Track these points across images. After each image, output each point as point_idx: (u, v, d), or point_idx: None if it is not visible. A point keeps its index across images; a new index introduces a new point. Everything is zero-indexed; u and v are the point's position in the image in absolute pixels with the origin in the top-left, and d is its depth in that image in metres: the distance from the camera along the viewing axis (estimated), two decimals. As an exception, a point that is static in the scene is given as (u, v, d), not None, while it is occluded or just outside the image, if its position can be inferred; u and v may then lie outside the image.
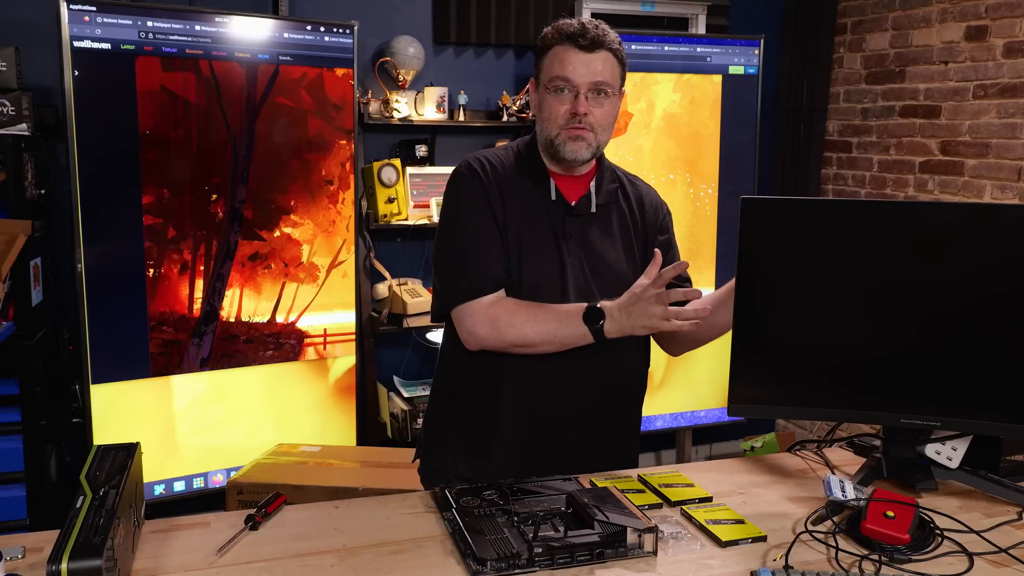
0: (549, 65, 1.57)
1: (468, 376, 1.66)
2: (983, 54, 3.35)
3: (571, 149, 1.57)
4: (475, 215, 1.59)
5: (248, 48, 2.98)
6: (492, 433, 1.64)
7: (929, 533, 1.34)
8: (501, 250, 1.58)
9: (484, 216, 1.58)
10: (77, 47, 2.70)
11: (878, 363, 1.50)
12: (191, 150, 2.94)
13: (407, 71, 3.41)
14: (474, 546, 1.23)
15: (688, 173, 3.69)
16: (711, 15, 4.05)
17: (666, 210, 1.75)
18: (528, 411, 1.62)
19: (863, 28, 3.91)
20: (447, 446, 1.70)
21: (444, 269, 1.62)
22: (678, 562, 1.27)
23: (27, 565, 1.21)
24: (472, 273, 1.57)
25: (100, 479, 1.21)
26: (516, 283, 1.58)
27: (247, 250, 3.07)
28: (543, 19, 3.64)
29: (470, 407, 1.67)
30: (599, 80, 1.54)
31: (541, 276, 1.59)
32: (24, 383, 2.78)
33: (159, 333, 2.94)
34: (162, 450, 2.97)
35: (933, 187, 3.59)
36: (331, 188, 3.19)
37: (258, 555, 1.26)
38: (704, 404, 3.83)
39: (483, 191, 1.60)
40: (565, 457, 1.61)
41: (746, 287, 1.51)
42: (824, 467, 1.66)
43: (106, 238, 2.81)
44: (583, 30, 1.54)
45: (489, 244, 1.58)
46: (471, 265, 1.57)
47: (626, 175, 1.73)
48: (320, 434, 3.24)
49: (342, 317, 3.27)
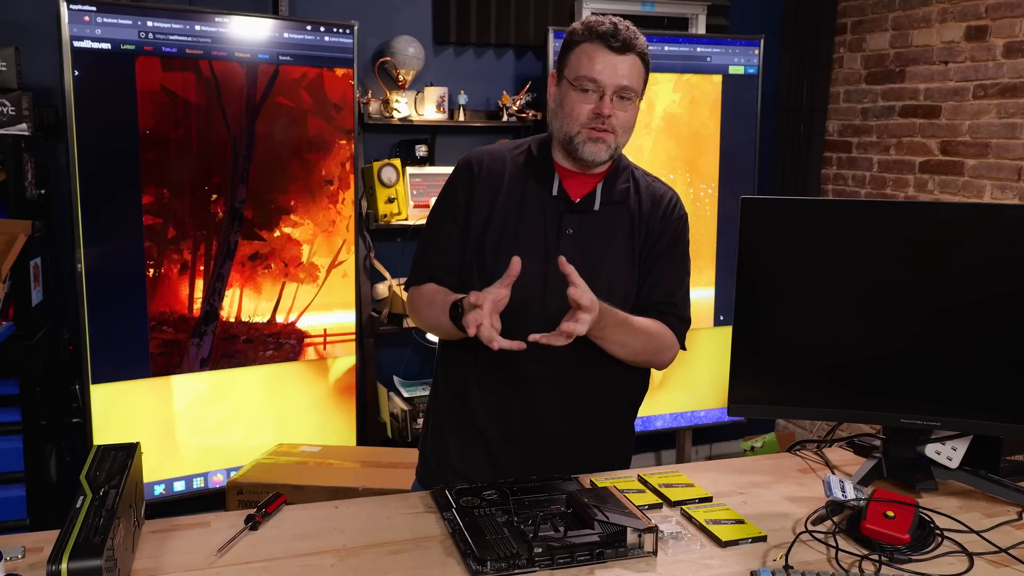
0: (576, 62, 1.55)
1: (448, 369, 1.69)
2: (983, 54, 3.35)
3: (591, 151, 1.55)
4: (441, 209, 1.68)
5: (248, 48, 2.98)
6: (474, 429, 1.64)
7: (929, 533, 1.34)
8: (454, 243, 1.62)
9: (448, 210, 1.65)
10: (77, 47, 2.70)
11: (878, 363, 1.50)
12: (191, 150, 2.94)
13: (407, 71, 3.42)
14: (474, 546, 1.23)
15: (688, 173, 3.69)
16: (711, 15, 4.05)
17: (676, 215, 1.67)
18: (501, 409, 1.62)
19: (863, 28, 3.92)
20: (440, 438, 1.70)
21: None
22: (678, 562, 1.27)
23: (27, 565, 1.21)
24: (420, 263, 1.67)
25: (100, 479, 1.21)
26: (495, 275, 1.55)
27: (247, 250, 3.07)
28: (543, 19, 3.64)
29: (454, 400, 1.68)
30: (626, 84, 1.53)
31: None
32: (24, 383, 2.77)
33: (159, 333, 2.94)
34: (162, 450, 2.97)
35: (933, 187, 3.59)
36: (331, 188, 3.19)
37: (258, 555, 1.26)
38: (704, 404, 3.84)
39: (464, 185, 1.63)
40: (542, 458, 1.61)
41: (746, 287, 1.51)
42: (824, 467, 1.66)
43: (106, 238, 2.81)
44: (615, 31, 1.51)
45: (441, 237, 1.65)
46: (421, 255, 1.68)
47: (645, 176, 1.69)
48: (320, 434, 3.24)
49: (342, 317, 3.27)
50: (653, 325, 1.60)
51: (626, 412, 1.75)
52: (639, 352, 1.60)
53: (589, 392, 1.64)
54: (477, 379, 1.63)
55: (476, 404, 1.64)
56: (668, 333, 1.62)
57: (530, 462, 1.60)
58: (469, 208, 1.62)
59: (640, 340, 1.58)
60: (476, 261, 1.61)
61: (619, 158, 1.66)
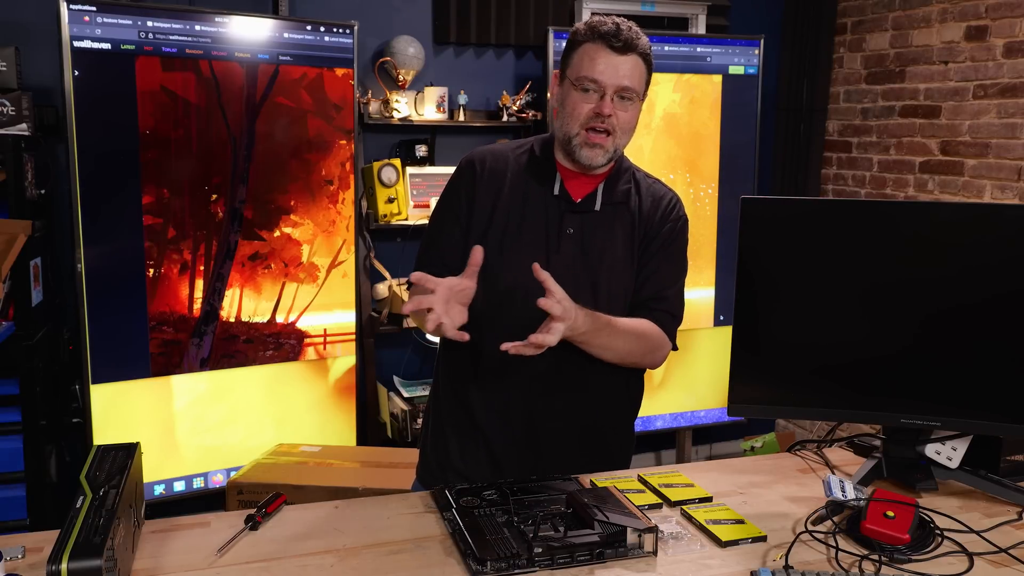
0: (578, 62, 1.55)
1: (450, 369, 1.69)
2: (983, 54, 3.35)
3: (587, 155, 1.55)
4: (443, 208, 1.68)
5: (248, 48, 2.98)
6: (475, 429, 1.64)
7: (929, 533, 1.34)
8: (456, 242, 1.62)
9: (450, 210, 1.65)
10: (77, 47, 2.70)
11: (878, 363, 1.50)
12: (191, 150, 2.93)
13: (407, 71, 3.42)
14: (474, 546, 1.23)
15: (688, 173, 3.69)
16: (711, 15, 4.05)
17: (676, 215, 1.66)
18: (501, 409, 1.62)
19: (863, 28, 3.92)
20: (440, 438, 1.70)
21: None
22: (678, 562, 1.27)
23: (27, 565, 1.21)
24: (422, 262, 1.66)
25: (100, 479, 1.21)
26: (497, 274, 1.57)
27: (247, 250, 3.07)
28: (543, 19, 3.64)
29: (454, 400, 1.68)
30: (627, 84, 1.53)
31: (521, 269, 1.58)
32: (24, 383, 2.77)
33: (159, 333, 2.94)
34: (162, 450, 2.97)
35: (933, 187, 3.59)
36: (331, 188, 3.19)
37: (258, 555, 1.26)
38: (704, 404, 3.84)
39: (466, 183, 1.63)
40: (542, 458, 1.61)
41: (746, 287, 1.51)
42: (824, 467, 1.66)
43: (106, 238, 2.81)
44: (617, 31, 1.52)
45: (443, 236, 1.65)
46: (423, 255, 1.67)
47: (646, 177, 1.69)
48: (320, 434, 3.24)
49: (342, 317, 3.27)
50: (641, 325, 1.59)
51: (627, 412, 1.75)
52: (625, 355, 1.59)
53: (590, 392, 1.64)
54: (478, 379, 1.63)
55: (477, 404, 1.64)
56: (658, 332, 1.61)
57: (531, 462, 1.60)
58: (471, 208, 1.62)
59: (626, 342, 1.57)
60: None
61: (621, 159, 1.66)
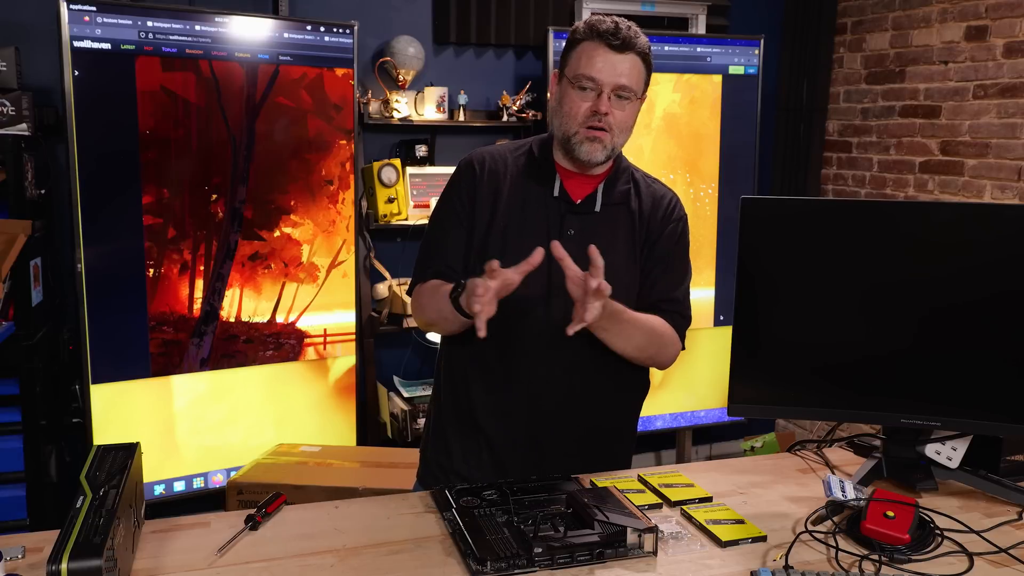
0: (576, 61, 1.55)
1: (451, 369, 1.69)
2: (983, 54, 3.35)
3: (587, 150, 1.55)
4: (443, 210, 1.67)
5: (248, 48, 2.98)
6: (477, 430, 1.64)
7: (929, 533, 1.34)
8: (459, 242, 1.62)
9: (452, 210, 1.64)
10: (77, 47, 2.70)
11: (878, 363, 1.50)
12: (191, 150, 2.93)
13: (407, 71, 3.41)
14: (474, 546, 1.23)
15: (688, 173, 3.69)
16: (711, 15, 4.05)
17: (676, 215, 1.67)
18: (503, 409, 1.62)
19: (863, 28, 3.91)
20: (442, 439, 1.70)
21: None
22: (678, 562, 1.27)
23: (27, 565, 1.21)
24: (424, 264, 1.66)
25: (100, 479, 1.21)
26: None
27: (247, 250, 3.07)
28: (543, 19, 3.64)
29: (456, 402, 1.67)
30: (624, 83, 1.53)
31: None
32: (24, 383, 2.78)
33: (159, 333, 2.94)
34: (162, 450, 2.97)
35: (933, 187, 3.59)
36: (331, 188, 3.19)
37: (258, 555, 1.26)
38: (704, 404, 3.84)
39: (467, 185, 1.63)
40: (544, 458, 1.61)
41: (746, 287, 1.51)
42: (824, 467, 1.66)
43: (106, 238, 2.81)
44: (615, 29, 1.52)
45: (444, 238, 1.64)
46: (425, 257, 1.67)
47: (645, 177, 1.69)
48: (320, 434, 3.24)
49: (342, 317, 3.27)
50: (654, 321, 1.60)
51: (629, 412, 1.75)
52: (643, 347, 1.60)
53: (592, 393, 1.64)
54: (480, 379, 1.63)
55: (478, 404, 1.63)
56: (669, 330, 1.62)
57: (532, 462, 1.59)
58: (472, 209, 1.62)
59: (644, 335, 1.58)
60: (479, 262, 1.60)
61: (619, 159, 1.66)
